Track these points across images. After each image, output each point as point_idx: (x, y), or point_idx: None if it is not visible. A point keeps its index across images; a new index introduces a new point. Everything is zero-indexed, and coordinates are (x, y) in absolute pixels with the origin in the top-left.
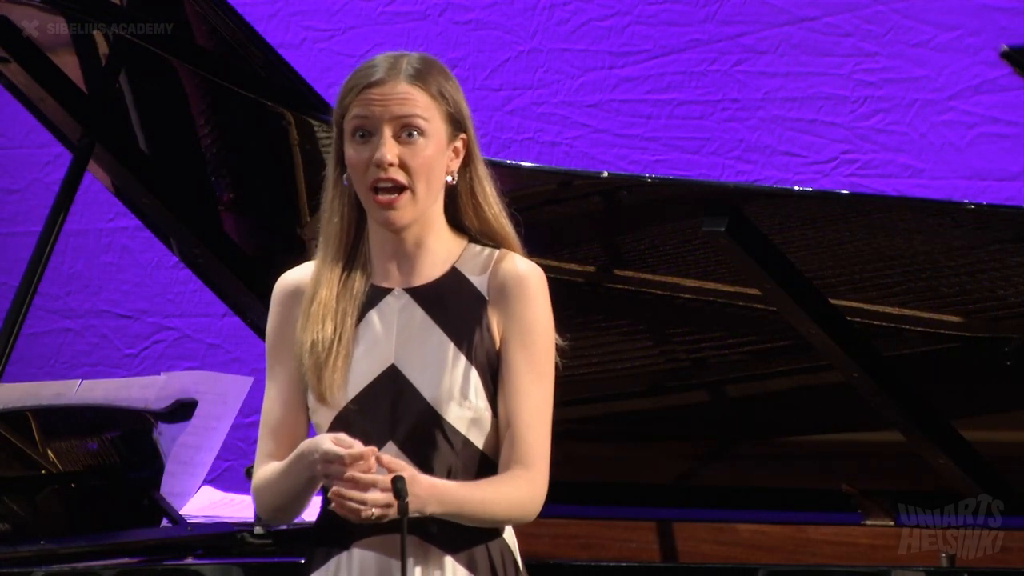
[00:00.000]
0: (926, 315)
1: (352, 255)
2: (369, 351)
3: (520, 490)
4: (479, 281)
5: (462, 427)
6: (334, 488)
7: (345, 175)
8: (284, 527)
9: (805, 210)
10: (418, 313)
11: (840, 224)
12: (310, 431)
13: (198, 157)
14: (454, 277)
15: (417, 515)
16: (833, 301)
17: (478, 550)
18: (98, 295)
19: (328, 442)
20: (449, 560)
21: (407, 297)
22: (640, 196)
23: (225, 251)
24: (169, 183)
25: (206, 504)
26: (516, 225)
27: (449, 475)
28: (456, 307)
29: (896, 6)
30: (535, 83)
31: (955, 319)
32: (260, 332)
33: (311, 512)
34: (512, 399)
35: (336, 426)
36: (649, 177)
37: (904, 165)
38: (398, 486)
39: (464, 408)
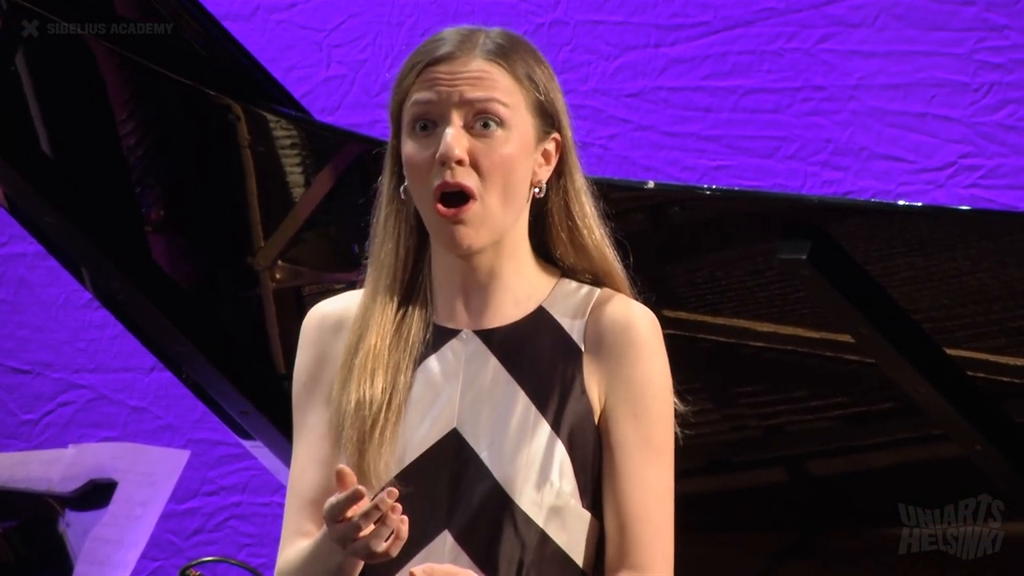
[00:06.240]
0: None
1: (410, 289)
2: (425, 411)
3: None
4: (573, 327)
5: (539, 517)
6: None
7: (403, 186)
8: None
9: (912, 232)
10: (491, 363)
11: (958, 250)
12: None
13: (118, 162)
14: (540, 320)
15: None
16: (949, 351)
17: None
18: None
19: (332, 497)
20: None
21: (477, 341)
22: (696, 214)
23: (153, 285)
24: (80, 196)
25: None
26: (623, 257)
27: None
28: (541, 359)
29: None
30: (559, 66)
31: None
32: (198, 391)
33: None
34: (621, 485)
35: (373, 508)
36: (708, 188)
37: None
38: None
39: (544, 492)
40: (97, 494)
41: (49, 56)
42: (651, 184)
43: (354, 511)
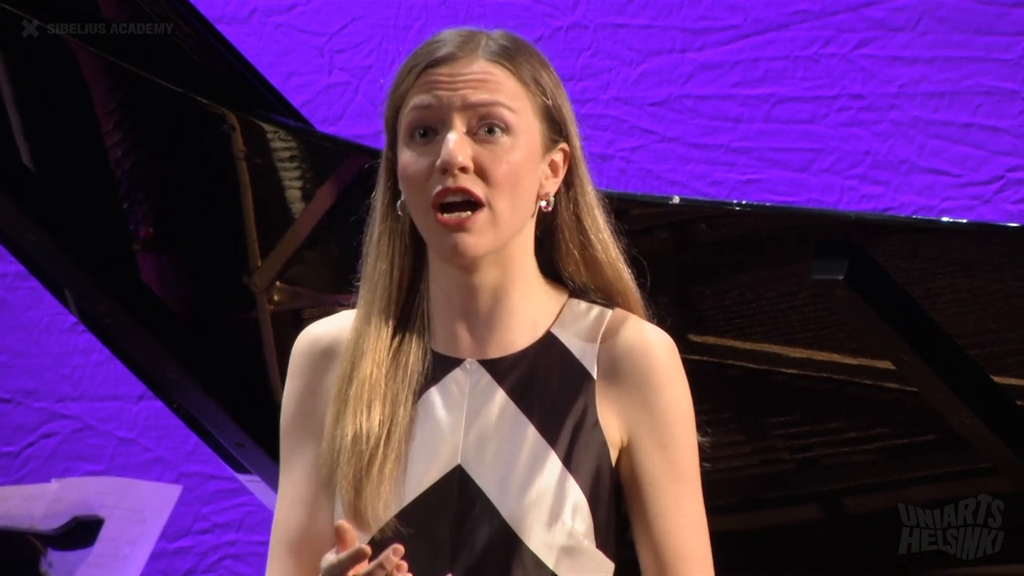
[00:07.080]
0: None
1: (405, 314)
2: (426, 446)
3: None
4: (585, 352)
5: (550, 559)
6: None
7: (399, 201)
8: None
9: (957, 250)
10: (498, 395)
11: (1007, 270)
12: None
13: (105, 176)
14: (549, 346)
15: None
16: (997, 379)
17: None
18: None
19: (330, 552)
20: None
21: (483, 372)
22: (725, 231)
23: (142, 308)
24: (64, 212)
25: None
26: (638, 276)
27: None
28: (551, 389)
29: None
30: (578, 72)
31: None
32: (190, 421)
33: None
34: (658, 522)
35: (373, 552)
36: (738, 204)
37: None
38: None
39: (555, 532)
40: (82, 532)
41: (29, 61)
42: (677, 199)
43: (356, 571)
